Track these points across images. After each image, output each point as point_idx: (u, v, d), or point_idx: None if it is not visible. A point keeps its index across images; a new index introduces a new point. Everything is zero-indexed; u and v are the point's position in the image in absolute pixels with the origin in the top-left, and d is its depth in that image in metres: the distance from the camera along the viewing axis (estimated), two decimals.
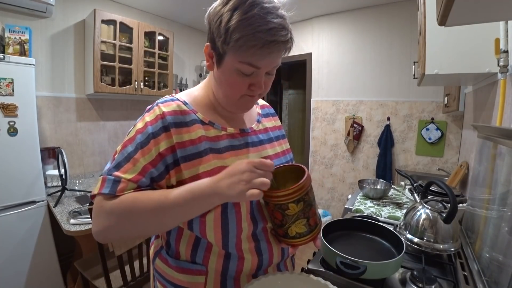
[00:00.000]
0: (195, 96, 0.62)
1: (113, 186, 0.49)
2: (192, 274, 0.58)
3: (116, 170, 0.51)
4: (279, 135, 0.74)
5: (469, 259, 0.85)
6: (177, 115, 0.55)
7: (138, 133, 0.53)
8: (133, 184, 0.50)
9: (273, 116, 0.78)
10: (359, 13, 2.73)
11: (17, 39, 1.72)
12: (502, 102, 0.92)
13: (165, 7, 2.70)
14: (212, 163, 0.55)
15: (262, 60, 0.51)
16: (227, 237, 0.56)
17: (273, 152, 0.67)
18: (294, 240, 0.56)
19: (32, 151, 1.63)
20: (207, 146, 0.56)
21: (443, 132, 2.33)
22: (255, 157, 0.61)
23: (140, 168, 0.51)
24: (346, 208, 1.44)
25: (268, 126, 0.72)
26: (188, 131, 0.55)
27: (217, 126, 0.60)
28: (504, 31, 0.89)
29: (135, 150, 0.52)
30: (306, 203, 0.54)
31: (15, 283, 1.58)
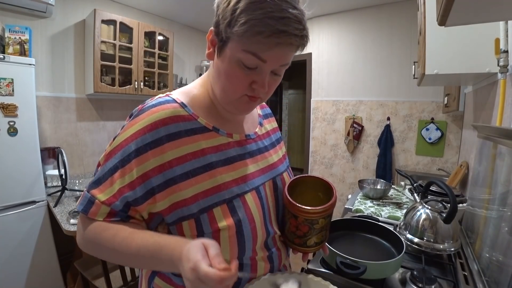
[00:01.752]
0: (194, 95, 0.53)
1: (86, 205, 0.46)
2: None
3: (95, 187, 0.47)
4: (278, 137, 0.71)
5: (469, 259, 0.85)
6: (174, 123, 0.46)
7: (120, 147, 0.46)
8: (106, 207, 0.45)
9: (271, 117, 0.73)
10: (359, 13, 2.73)
11: (17, 39, 1.72)
12: (502, 102, 0.92)
13: (165, 7, 2.70)
14: (218, 178, 0.48)
15: (269, 51, 0.43)
16: (243, 254, 0.51)
17: (277, 158, 0.64)
18: (309, 248, 0.58)
19: (32, 151, 1.63)
20: (214, 159, 0.49)
21: (443, 132, 2.33)
22: (262, 165, 0.58)
23: (115, 190, 0.45)
24: (346, 208, 1.44)
25: (269, 129, 0.68)
26: (188, 142, 0.47)
27: (222, 132, 0.53)
28: (504, 31, 0.89)
29: (114, 168, 0.45)
30: (330, 216, 0.56)
31: (15, 283, 1.58)
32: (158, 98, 0.50)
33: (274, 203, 0.58)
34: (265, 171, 0.58)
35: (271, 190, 0.58)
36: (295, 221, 0.55)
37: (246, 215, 0.50)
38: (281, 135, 0.73)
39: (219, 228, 0.47)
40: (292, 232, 0.57)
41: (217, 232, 0.47)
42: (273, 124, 0.72)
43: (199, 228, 0.47)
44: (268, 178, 0.58)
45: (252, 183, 0.53)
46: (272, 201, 0.58)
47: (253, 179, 0.53)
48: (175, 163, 0.45)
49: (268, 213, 0.56)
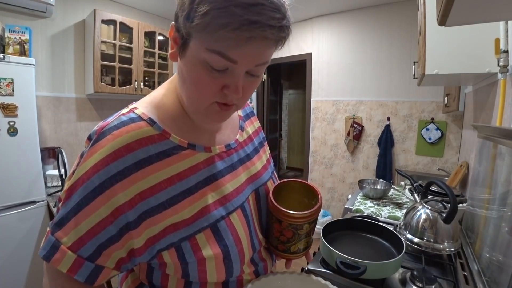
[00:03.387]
0: (162, 106, 0.45)
1: (50, 251, 0.38)
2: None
3: (58, 229, 0.38)
4: (261, 140, 0.63)
5: (469, 259, 0.85)
6: (142, 148, 0.39)
7: (81, 182, 0.37)
8: (72, 254, 0.37)
9: (252, 116, 0.64)
10: (359, 13, 2.73)
11: (17, 39, 1.72)
12: (502, 102, 0.92)
13: (165, 7, 2.70)
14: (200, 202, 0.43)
15: (239, 49, 0.34)
16: (231, 274, 0.46)
17: (261, 165, 0.58)
18: (294, 255, 0.57)
19: (32, 151, 1.63)
20: (193, 183, 0.43)
21: (443, 132, 2.33)
22: (244, 176, 0.51)
23: (82, 232, 0.37)
24: (346, 208, 1.44)
25: (251, 132, 0.60)
26: (161, 168, 0.40)
27: (200, 148, 0.45)
28: (504, 31, 0.89)
29: (77, 207, 0.37)
30: (314, 222, 0.55)
31: (15, 283, 1.58)
32: (121, 115, 0.41)
33: (257, 214, 0.54)
34: (249, 182, 0.52)
35: (254, 202, 0.53)
36: (279, 226, 0.54)
37: (233, 238, 0.44)
38: (264, 135, 0.65)
39: (204, 257, 0.41)
40: (276, 238, 0.56)
41: (203, 261, 0.42)
42: (256, 124, 0.64)
43: (180, 257, 0.41)
44: (251, 190, 0.52)
45: (237, 200, 0.47)
46: (256, 214, 0.53)
47: (237, 196, 0.47)
48: (148, 194, 0.38)
49: (253, 228, 0.51)
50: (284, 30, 0.35)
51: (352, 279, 0.72)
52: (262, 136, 0.65)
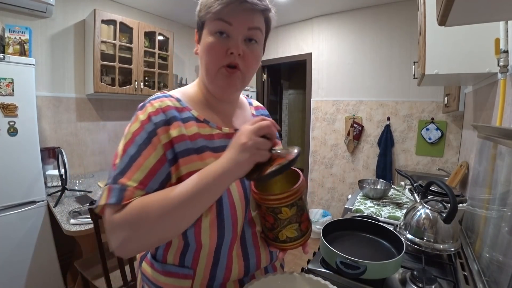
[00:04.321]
0: (188, 93, 0.59)
1: (119, 194, 0.44)
2: (179, 277, 0.55)
3: (121, 177, 0.46)
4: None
5: (469, 259, 0.85)
6: (171, 110, 0.52)
7: (136, 134, 0.49)
8: (140, 191, 0.45)
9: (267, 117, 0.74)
10: (359, 13, 2.73)
11: (17, 39, 1.73)
12: (502, 102, 0.92)
13: (165, 7, 2.70)
14: (208, 161, 0.51)
15: (232, 14, 0.49)
16: (222, 240, 0.53)
17: None
18: (284, 244, 0.55)
19: (32, 151, 1.63)
20: (203, 144, 0.53)
21: (443, 132, 2.33)
22: None
23: (146, 171, 0.47)
24: (346, 208, 1.44)
25: None
26: (182, 127, 0.52)
27: (212, 124, 0.57)
28: (504, 31, 0.89)
29: (137, 152, 0.47)
30: (299, 208, 0.53)
31: (15, 283, 1.58)
32: (157, 93, 0.57)
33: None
34: None
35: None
36: (261, 211, 0.55)
37: (228, 201, 0.53)
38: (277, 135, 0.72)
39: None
40: (263, 225, 0.57)
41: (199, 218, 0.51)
42: None
43: None
44: None
45: None
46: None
47: None
48: (175, 141, 0.50)
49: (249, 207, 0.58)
50: (261, 1, 0.50)
51: (352, 279, 0.72)
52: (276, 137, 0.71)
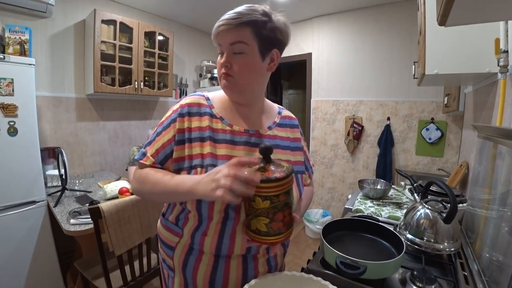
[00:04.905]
0: (220, 95, 0.73)
1: (141, 156, 0.68)
2: (172, 233, 0.70)
3: (148, 146, 0.68)
4: (291, 146, 0.76)
5: (469, 259, 0.85)
6: (194, 106, 0.68)
7: (167, 118, 0.68)
8: (151, 158, 0.66)
9: (292, 128, 0.80)
10: (359, 13, 2.73)
11: (17, 39, 1.72)
12: (502, 102, 0.92)
13: (165, 7, 2.70)
14: (206, 148, 0.64)
15: (218, 37, 0.63)
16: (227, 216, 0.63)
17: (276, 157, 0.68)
18: (253, 234, 0.56)
19: (32, 151, 1.63)
20: (209, 134, 0.65)
21: (443, 132, 2.33)
22: (245, 155, 0.66)
23: (159, 146, 0.66)
24: (346, 208, 1.44)
25: (279, 135, 0.75)
26: (199, 120, 0.66)
27: (225, 122, 0.68)
28: (504, 31, 0.89)
29: (162, 130, 0.67)
30: (274, 205, 0.53)
31: (15, 283, 1.58)
32: (196, 92, 0.76)
33: None
34: None
35: None
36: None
37: None
38: (301, 146, 0.80)
39: None
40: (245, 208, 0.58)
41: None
42: (291, 134, 0.79)
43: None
44: None
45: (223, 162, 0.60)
46: None
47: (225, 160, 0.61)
48: (187, 130, 0.65)
49: None
50: (234, 18, 0.60)
51: (352, 279, 0.72)
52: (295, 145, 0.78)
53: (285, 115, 0.80)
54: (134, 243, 1.26)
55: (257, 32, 0.62)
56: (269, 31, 0.63)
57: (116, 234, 1.17)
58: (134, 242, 1.26)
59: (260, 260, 0.69)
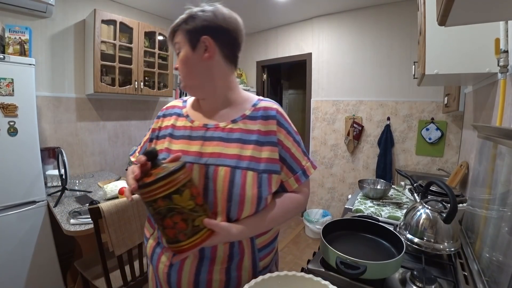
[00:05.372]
0: (193, 98, 0.78)
1: (132, 154, 0.82)
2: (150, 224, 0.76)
3: (138, 145, 0.82)
4: (259, 140, 0.66)
5: (469, 259, 0.85)
6: (168, 109, 0.77)
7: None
8: (137, 155, 0.78)
9: (265, 120, 0.69)
10: (359, 13, 2.73)
11: (17, 39, 1.72)
12: (502, 102, 0.92)
13: (165, 7, 2.70)
14: (165, 144, 0.70)
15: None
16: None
17: (233, 152, 0.64)
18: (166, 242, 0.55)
19: (32, 151, 1.63)
20: (171, 131, 0.72)
21: (443, 132, 2.33)
22: (195, 148, 0.66)
23: (142, 143, 0.80)
24: (346, 208, 1.44)
25: (244, 128, 0.67)
26: (167, 120, 0.74)
27: (189, 119, 0.72)
28: (504, 31, 0.89)
29: (147, 132, 0.79)
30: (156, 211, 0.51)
31: (15, 283, 1.58)
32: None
33: (202, 188, 0.63)
34: (197, 155, 0.65)
35: (201, 174, 0.63)
36: None
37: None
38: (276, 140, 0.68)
39: None
40: None
41: None
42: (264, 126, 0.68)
43: None
44: (200, 162, 0.64)
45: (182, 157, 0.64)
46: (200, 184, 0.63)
47: (184, 155, 0.66)
48: (158, 129, 0.75)
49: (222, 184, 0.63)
50: (173, 28, 0.69)
51: (352, 279, 0.72)
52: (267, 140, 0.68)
53: (261, 106, 0.71)
54: (134, 243, 1.26)
55: (183, 29, 0.66)
56: (192, 22, 0.65)
57: (116, 234, 1.17)
58: (134, 242, 1.26)
59: (217, 267, 0.64)
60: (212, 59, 0.66)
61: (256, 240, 0.68)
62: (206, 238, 0.54)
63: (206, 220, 0.54)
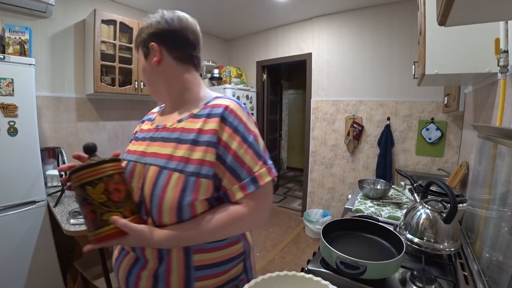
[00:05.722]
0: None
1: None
2: None
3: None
4: (196, 139, 0.60)
5: (469, 259, 0.85)
6: (147, 115, 0.82)
7: None
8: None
9: (208, 118, 0.62)
10: (359, 13, 2.73)
11: (17, 39, 1.72)
12: (502, 102, 0.92)
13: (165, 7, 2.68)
14: (129, 147, 0.74)
15: None
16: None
17: (166, 151, 0.62)
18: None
19: (32, 151, 1.62)
20: (133, 136, 0.79)
21: (443, 132, 2.33)
22: (143, 148, 0.69)
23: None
24: (346, 208, 1.44)
25: (186, 127, 0.63)
26: (143, 125, 0.78)
27: (151, 121, 0.76)
28: (504, 31, 0.89)
29: None
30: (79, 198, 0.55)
31: (15, 283, 1.58)
32: None
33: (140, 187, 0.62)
34: (141, 154, 0.68)
35: (141, 174, 0.64)
36: None
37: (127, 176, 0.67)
38: (216, 140, 0.59)
39: None
40: None
41: None
42: (203, 125, 0.61)
43: None
44: (140, 161, 0.66)
45: (130, 156, 0.71)
46: (139, 183, 0.63)
47: (132, 154, 0.70)
48: (136, 132, 0.79)
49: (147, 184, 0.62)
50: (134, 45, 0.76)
51: (352, 279, 0.72)
52: (205, 140, 0.60)
53: (212, 104, 0.64)
54: None
55: (137, 42, 0.71)
56: (142, 33, 0.69)
57: None
58: None
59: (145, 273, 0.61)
60: (161, 63, 0.68)
61: (194, 256, 0.60)
62: (113, 235, 0.54)
63: (113, 217, 0.53)
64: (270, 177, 0.61)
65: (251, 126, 0.63)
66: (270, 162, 0.63)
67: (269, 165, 0.62)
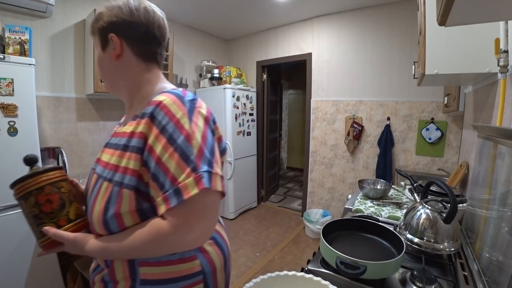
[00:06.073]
0: None
1: None
2: None
3: None
4: (127, 145, 0.55)
5: (469, 259, 0.85)
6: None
7: None
8: None
9: (143, 118, 0.55)
10: (359, 13, 2.73)
11: (17, 39, 1.72)
12: (502, 102, 0.92)
13: (165, 7, 2.69)
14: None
15: None
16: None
17: (106, 159, 0.59)
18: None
19: (32, 151, 1.62)
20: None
21: (443, 132, 2.33)
22: (99, 156, 0.66)
23: None
24: (346, 208, 1.44)
25: (126, 131, 0.58)
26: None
27: (119, 125, 0.71)
28: (504, 31, 0.89)
29: None
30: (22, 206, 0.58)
31: (15, 283, 1.58)
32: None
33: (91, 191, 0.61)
34: (97, 162, 0.65)
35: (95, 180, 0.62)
36: None
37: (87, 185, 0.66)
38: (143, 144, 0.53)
39: None
40: None
41: None
42: (136, 127, 0.56)
43: None
44: (95, 170, 0.64)
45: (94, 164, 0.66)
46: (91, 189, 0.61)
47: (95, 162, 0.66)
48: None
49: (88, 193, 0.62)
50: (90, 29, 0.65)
51: (352, 279, 0.72)
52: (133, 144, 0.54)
53: (152, 101, 0.56)
54: None
55: (94, 28, 0.63)
56: (101, 20, 0.61)
57: None
58: None
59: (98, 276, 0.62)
60: (121, 58, 0.61)
61: (140, 268, 0.56)
62: (51, 244, 0.59)
63: (45, 228, 0.56)
64: (197, 190, 0.47)
65: (186, 123, 0.51)
66: (205, 169, 0.49)
67: (199, 173, 0.48)
